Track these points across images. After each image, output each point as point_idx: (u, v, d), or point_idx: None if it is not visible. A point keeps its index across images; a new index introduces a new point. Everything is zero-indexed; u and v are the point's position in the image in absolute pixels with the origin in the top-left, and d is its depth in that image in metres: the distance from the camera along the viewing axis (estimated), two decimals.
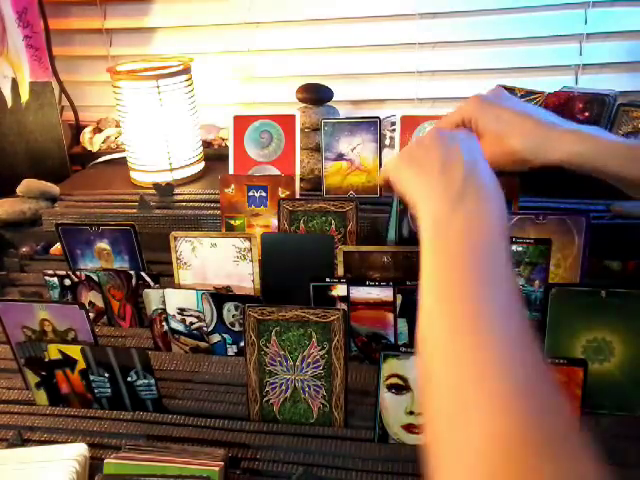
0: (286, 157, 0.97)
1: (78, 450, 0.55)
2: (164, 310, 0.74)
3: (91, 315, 0.77)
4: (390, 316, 0.69)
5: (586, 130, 0.58)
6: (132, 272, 0.80)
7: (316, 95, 1.05)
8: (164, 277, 0.83)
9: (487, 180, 0.44)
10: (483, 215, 0.40)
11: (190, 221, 0.99)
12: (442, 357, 0.34)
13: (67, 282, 0.82)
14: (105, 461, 0.52)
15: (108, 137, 1.32)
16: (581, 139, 0.57)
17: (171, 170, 1.13)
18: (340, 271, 0.74)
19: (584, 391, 0.55)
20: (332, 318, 0.60)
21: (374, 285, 0.68)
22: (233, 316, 0.73)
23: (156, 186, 1.07)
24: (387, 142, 1.07)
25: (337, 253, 0.73)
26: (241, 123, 0.99)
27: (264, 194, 0.90)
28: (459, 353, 0.33)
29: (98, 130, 1.35)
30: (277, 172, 0.98)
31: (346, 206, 0.80)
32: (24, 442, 0.61)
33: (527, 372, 0.32)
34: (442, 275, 0.37)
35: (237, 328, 0.73)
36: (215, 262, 0.78)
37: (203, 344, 0.75)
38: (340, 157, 0.97)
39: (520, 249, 0.70)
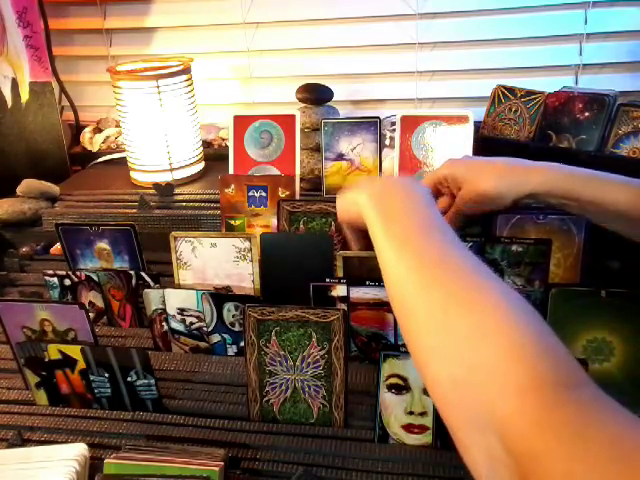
0: (286, 157, 0.97)
1: (78, 450, 0.55)
2: (164, 310, 0.74)
3: (91, 315, 0.77)
4: (390, 316, 0.69)
5: (555, 165, 0.63)
6: (132, 272, 0.80)
7: (316, 95, 1.05)
8: (164, 277, 0.83)
9: (414, 189, 0.54)
10: (412, 197, 0.51)
11: (190, 221, 0.99)
12: (415, 301, 0.40)
13: (67, 282, 0.82)
14: (105, 461, 0.52)
15: (108, 137, 1.32)
16: (552, 171, 0.62)
17: (171, 170, 1.13)
18: (339, 275, 0.74)
19: None
20: (332, 318, 0.60)
21: (374, 285, 0.68)
22: (233, 316, 0.73)
23: (156, 186, 1.07)
24: (387, 142, 1.07)
25: (337, 258, 0.73)
26: (241, 123, 0.99)
27: (264, 194, 0.90)
28: (428, 273, 0.41)
29: (98, 130, 1.35)
30: (277, 172, 0.98)
31: None
32: (24, 442, 0.61)
33: (474, 260, 0.41)
34: (393, 234, 0.46)
35: (237, 328, 0.73)
36: (215, 262, 0.78)
37: (203, 344, 0.75)
38: (340, 157, 0.97)
39: (520, 249, 0.70)
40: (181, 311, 0.74)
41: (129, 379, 0.63)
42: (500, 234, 0.76)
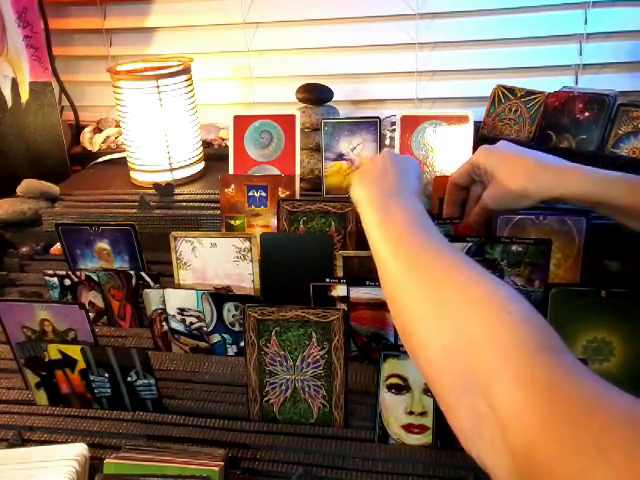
0: (286, 157, 0.97)
1: (78, 450, 0.55)
2: (164, 310, 0.74)
3: (91, 315, 0.77)
4: (390, 316, 0.69)
5: (587, 168, 0.62)
6: (132, 272, 0.80)
7: (316, 95, 1.05)
8: (164, 277, 0.83)
9: (409, 188, 0.57)
10: (410, 205, 0.52)
11: (190, 221, 0.99)
12: (409, 284, 0.43)
13: (67, 282, 0.82)
14: (105, 461, 0.52)
15: (108, 137, 1.32)
16: (584, 176, 0.61)
17: (171, 170, 1.13)
18: (339, 275, 0.74)
19: None
20: (332, 318, 0.60)
21: (374, 285, 0.68)
22: (233, 316, 0.73)
23: (156, 186, 1.07)
24: (387, 142, 1.07)
25: (337, 257, 0.73)
26: (241, 123, 0.99)
27: (264, 194, 0.90)
28: (421, 277, 0.42)
29: (98, 130, 1.35)
30: (277, 172, 0.97)
31: (346, 207, 0.80)
32: (24, 442, 0.61)
33: (470, 264, 0.42)
34: (392, 236, 0.48)
35: (237, 328, 0.73)
36: (215, 262, 0.78)
37: (203, 344, 0.75)
38: (340, 157, 0.97)
39: (520, 249, 0.70)
40: (181, 311, 0.74)
41: (129, 379, 0.63)
42: (500, 234, 0.76)
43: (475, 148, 0.89)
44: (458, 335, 0.36)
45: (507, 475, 0.30)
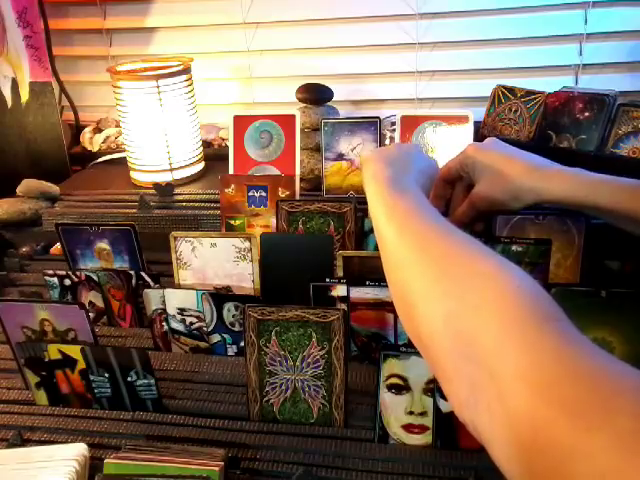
0: (286, 157, 0.97)
1: (78, 450, 0.55)
2: (164, 310, 0.74)
3: (91, 315, 0.77)
4: (390, 316, 0.69)
5: (573, 171, 0.62)
6: (132, 272, 0.80)
7: (316, 95, 1.05)
8: (164, 277, 0.82)
9: (420, 182, 0.57)
10: (417, 190, 0.53)
11: (190, 221, 0.99)
12: (413, 261, 0.43)
13: (67, 282, 0.82)
14: (105, 461, 0.52)
15: (108, 137, 1.32)
16: (570, 179, 0.61)
17: (171, 170, 1.13)
18: (339, 275, 0.74)
19: None
20: (332, 318, 0.60)
21: (374, 285, 0.68)
22: (233, 316, 0.73)
23: (156, 186, 1.07)
24: (387, 142, 1.07)
25: (337, 257, 0.73)
26: (241, 123, 0.99)
27: (264, 194, 0.90)
28: (426, 254, 0.42)
29: (98, 130, 1.35)
30: (277, 172, 0.97)
31: (344, 207, 0.80)
32: (24, 442, 0.61)
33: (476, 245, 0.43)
34: (397, 216, 0.48)
35: (237, 328, 0.73)
36: (215, 262, 0.78)
37: (203, 344, 0.75)
38: (340, 157, 0.97)
39: (520, 249, 0.70)
40: (181, 311, 0.74)
41: (129, 379, 0.63)
42: (500, 234, 0.76)
43: None
44: (462, 304, 0.36)
45: (505, 443, 0.30)
